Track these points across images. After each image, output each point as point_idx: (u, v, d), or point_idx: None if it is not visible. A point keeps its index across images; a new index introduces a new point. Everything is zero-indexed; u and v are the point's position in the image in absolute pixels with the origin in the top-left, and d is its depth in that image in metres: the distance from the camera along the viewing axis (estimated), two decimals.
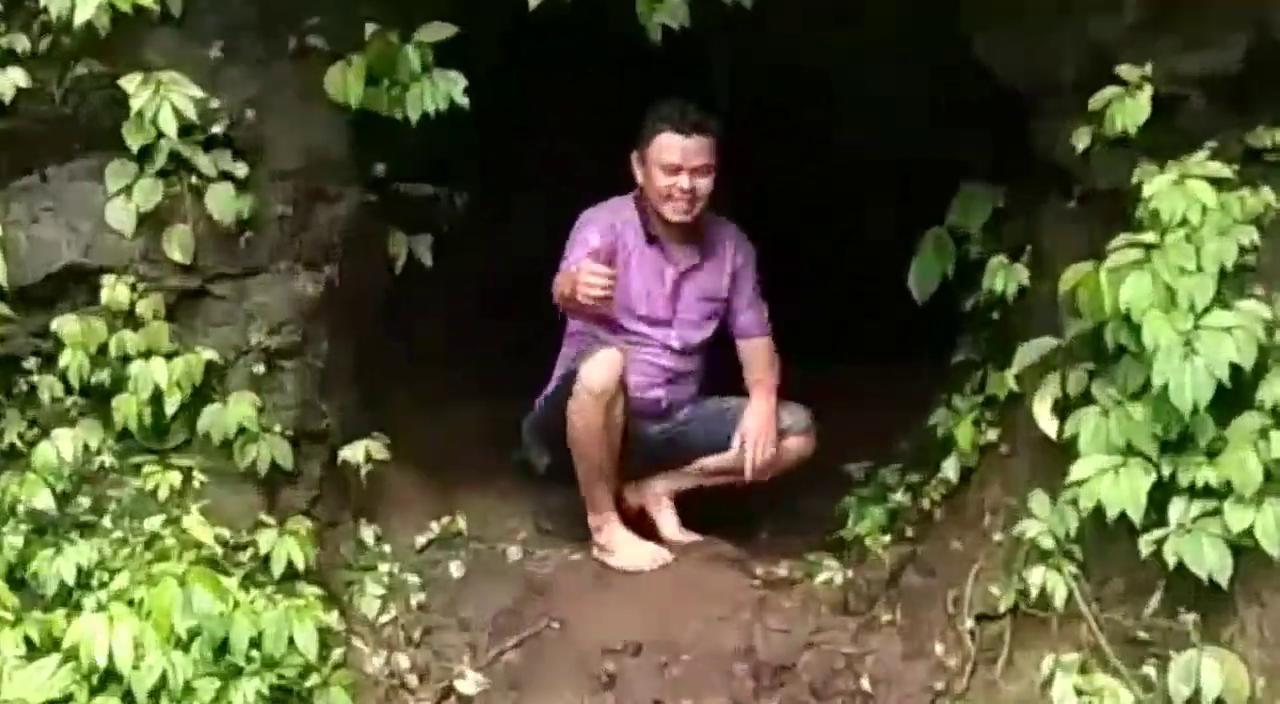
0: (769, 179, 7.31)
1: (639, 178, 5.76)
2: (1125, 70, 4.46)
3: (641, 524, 5.96)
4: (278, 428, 5.24)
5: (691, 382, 5.98)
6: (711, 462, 5.92)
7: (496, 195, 6.15)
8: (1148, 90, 4.43)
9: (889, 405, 6.22)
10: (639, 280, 5.77)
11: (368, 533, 5.64)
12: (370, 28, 5.17)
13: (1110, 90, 4.49)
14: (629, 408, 5.59)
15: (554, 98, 5.97)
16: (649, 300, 5.80)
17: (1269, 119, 4.43)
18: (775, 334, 6.05)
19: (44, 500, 4.97)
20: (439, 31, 5.24)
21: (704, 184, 5.67)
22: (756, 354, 6.02)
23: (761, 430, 5.77)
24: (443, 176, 5.90)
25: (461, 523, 5.86)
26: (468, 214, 6.04)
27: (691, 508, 6.01)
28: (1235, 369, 4.25)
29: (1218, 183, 4.38)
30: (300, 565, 5.08)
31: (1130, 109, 4.44)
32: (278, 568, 5.06)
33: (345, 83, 5.17)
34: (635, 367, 5.74)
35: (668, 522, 5.96)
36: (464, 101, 5.21)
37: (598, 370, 5.49)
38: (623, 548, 5.75)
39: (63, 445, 5.04)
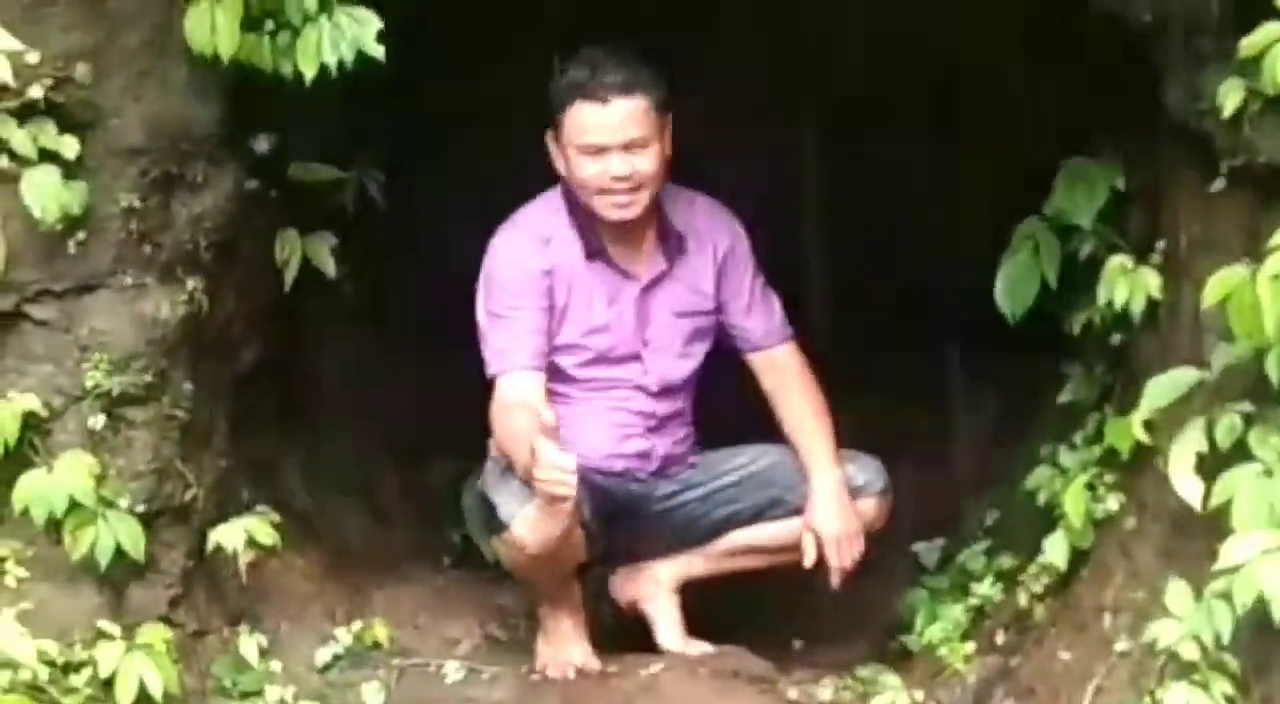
0: None
1: (562, 169, 5.70)
2: None
3: (633, 627, 5.98)
4: (124, 503, 5.23)
5: (683, 425, 6.00)
6: (753, 537, 5.90)
7: (426, 180, 6.10)
8: None
9: (964, 454, 6.26)
10: (590, 309, 5.74)
11: (250, 645, 5.64)
12: None
13: (1271, 27, 4.42)
14: (598, 502, 5.55)
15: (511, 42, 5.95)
16: (611, 332, 5.78)
17: None
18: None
19: None
20: None
21: (645, 164, 5.57)
22: (783, 373, 5.97)
23: (843, 519, 5.69)
24: (351, 154, 5.89)
25: (381, 631, 5.87)
26: (386, 205, 6.03)
27: (698, 600, 6.02)
28: None
29: None
30: (157, 691, 5.08)
31: None
32: (125, 695, 5.06)
33: (213, 27, 5.12)
34: (604, 416, 5.81)
35: (669, 625, 5.95)
36: (377, 51, 5.17)
37: (534, 532, 5.43)
38: (543, 651, 5.83)
39: None
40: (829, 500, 5.67)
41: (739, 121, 7.18)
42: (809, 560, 5.65)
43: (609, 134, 5.54)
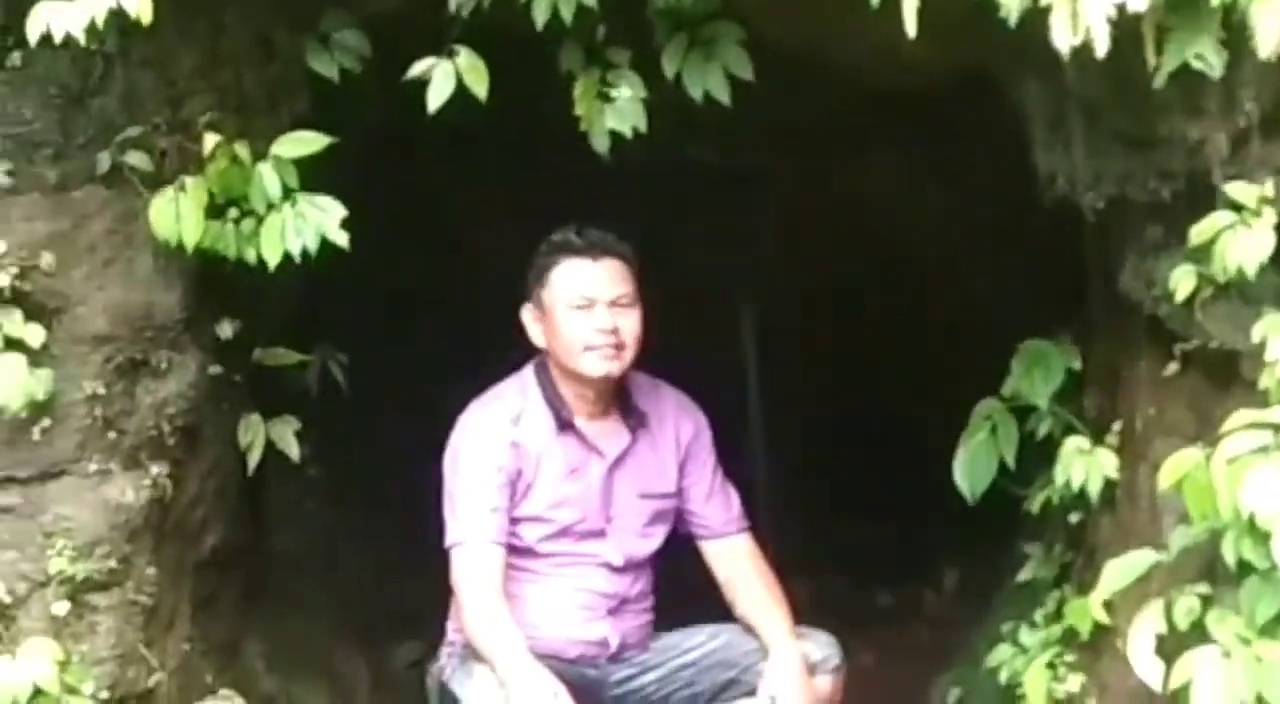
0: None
1: (540, 339, 5.74)
2: (1237, 190, 4.49)
3: None
4: (88, 689, 5.21)
5: (643, 609, 5.96)
6: None
7: (394, 361, 6.17)
8: (1269, 217, 4.46)
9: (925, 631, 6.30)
10: (557, 484, 5.74)
11: None
12: (211, 140, 5.21)
13: (1218, 217, 4.50)
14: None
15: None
16: (575, 508, 5.77)
17: None
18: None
19: None
20: (304, 143, 5.29)
21: (628, 322, 5.62)
22: (737, 561, 5.96)
23: (800, 694, 5.61)
24: (314, 337, 5.92)
25: None
26: (351, 389, 6.07)
27: None
28: None
29: None
30: None
31: (1246, 241, 4.45)
32: None
33: (177, 215, 5.19)
34: (567, 596, 5.78)
35: None
36: (341, 238, 5.24)
37: None
38: None
39: None
40: (788, 675, 5.62)
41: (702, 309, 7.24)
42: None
43: (598, 288, 5.60)
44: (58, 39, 4.71)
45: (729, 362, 7.30)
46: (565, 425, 5.75)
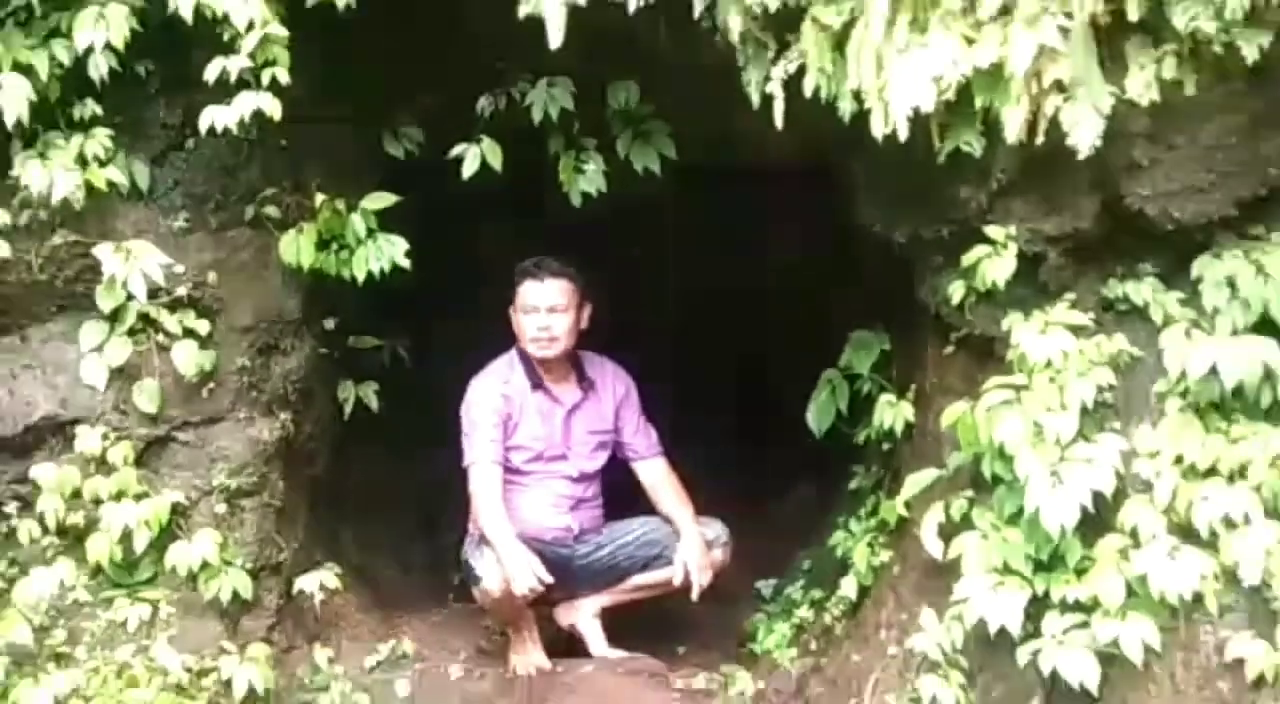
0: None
1: (516, 328, 5.81)
2: (993, 231, 4.51)
3: (572, 641, 5.98)
4: (238, 562, 5.21)
5: (595, 505, 6.02)
6: (645, 580, 5.92)
7: (437, 344, 6.15)
8: (1013, 248, 4.48)
9: (791, 526, 6.29)
10: (533, 424, 5.82)
11: (321, 656, 5.59)
12: (320, 198, 5.21)
13: (980, 249, 4.53)
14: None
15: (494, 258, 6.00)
16: (545, 440, 5.85)
17: (1120, 273, 4.49)
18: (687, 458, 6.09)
19: (22, 634, 4.91)
20: (381, 200, 5.28)
21: (559, 322, 5.70)
22: (656, 476, 6.02)
23: (701, 559, 5.72)
24: (386, 326, 5.91)
25: (407, 645, 5.82)
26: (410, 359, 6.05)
27: (616, 625, 6.00)
28: (1097, 496, 4.29)
29: (1077, 330, 4.45)
30: (260, 688, 5.05)
31: (998, 265, 4.49)
32: (239, 692, 5.03)
33: (297, 248, 5.18)
34: (544, 495, 5.85)
35: (596, 639, 5.95)
36: (405, 263, 5.24)
37: (499, 586, 5.55)
38: (514, 659, 5.84)
39: (40, 583, 4.99)
40: (694, 547, 5.71)
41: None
42: (678, 580, 5.68)
43: (540, 300, 5.69)
44: (219, 130, 4.71)
45: (664, 348, 7.25)
46: (537, 385, 5.84)
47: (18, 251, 4.96)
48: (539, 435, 5.84)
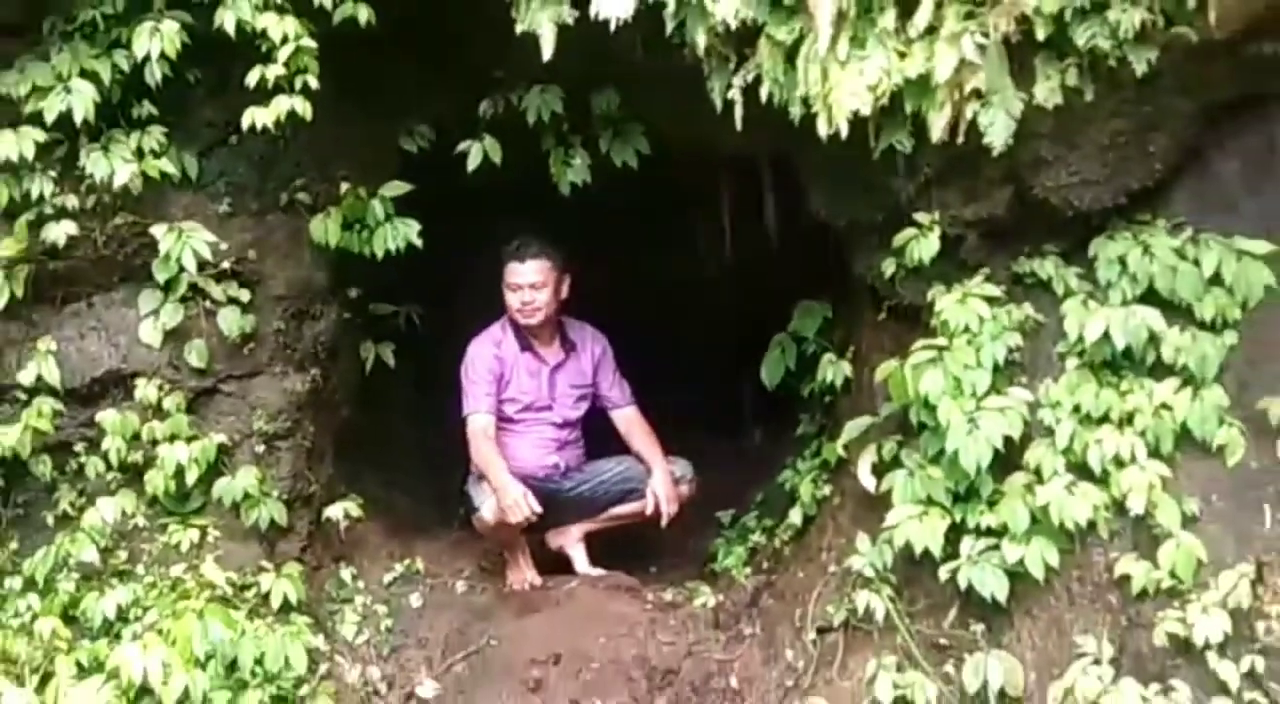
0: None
1: (506, 299, 5.79)
2: (920, 216, 4.54)
3: (560, 561, 5.98)
4: (275, 493, 5.23)
5: (577, 446, 6.02)
6: (621, 510, 5.92)
7: (441, 311, 6.14)
8: (937, 231, 4.51)
9: (748, 465, 6.29)
10: (522, 380, 5.82)
11: (346, 573, 5.62)
12: (344, 186, 5.20)
13: (909, 231, 4.55)
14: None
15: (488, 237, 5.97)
16: (533, 393, 5.85)
17: (1027, 252, 4.52)
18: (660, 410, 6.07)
19: (90, 554, 4.96)
20: (397, 188, 5.27)
21: (539, 296, 5.69)
22: (630, 422, 6.00)
23: (669, 492, 5.73)
24: (402, 296, 5.90)
25: (419, 564, 5.83)
26: (422, 325, 6.04)
27: (597, 548, 6.01)
28: (1007, 439, 4.33)
29: (990, 300, 4.47)
30: (293, 600, 5.08)
31: (924, 245, 4.51)
32: (275, 602, 5.06)
33: (325, 229, 5.18)
34: (533, 439, 5.86)
35: (580, 559, 5.97)
36: (418, 242, 5.23)
37: (493, 516, 5.59)
38: (510, 576, 5.88)
39: (105, 511, 5.02)
40: (662, 480, 5.73)
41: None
42: (650, 510, 5.71)
43: (522, 278, 5.68)
44: (258, 127, 4.70)
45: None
46: (525, 347, 5.83)
47: (85, 230, 4.95)
48: (527, 390, 5.84)
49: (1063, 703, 4.28)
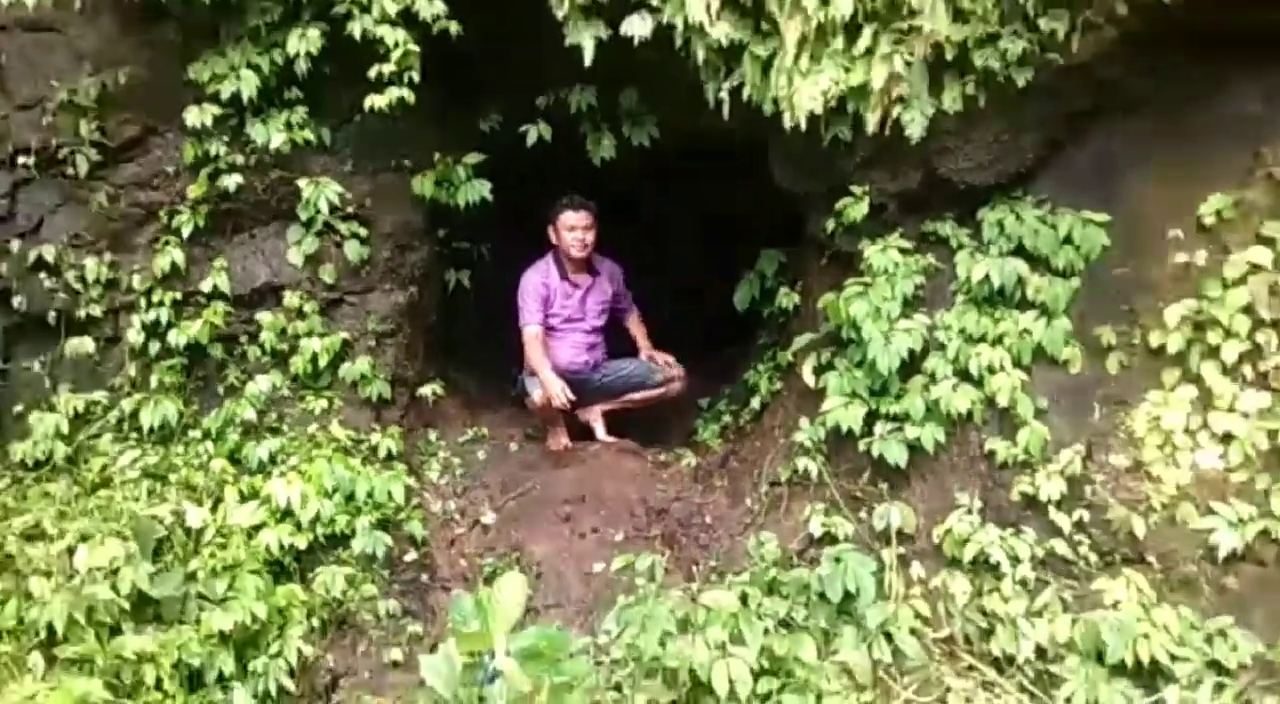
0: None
1: (553, 238, 5.73)
2: (855, 188, 4.52)
3: (586, 431, 5.99)
4: (383, 376, 5.21)
5: (601, 348, 5.96)
6: (634, 396, 5.93)
7: (503, 248, 6.11)
8: (867, 200, 4.50)
9: (723, 368, 6.30)
10: (561, 300, 5.77)
11: (432, 435, 5.65)
12: (437, 156, 5.16)
13: (847, 199, 4.54)
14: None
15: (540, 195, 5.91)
16: (570, 310, 5.79)
17: (931, 216, 4.51)
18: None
19: (250, 414, 4.97)
20: (475, 158, 5.21)
21: (588, 236, 5.66)
22: (636, 324, 6.08)
23: (664, 357, 5.90)
24: (475, 234, 5.85)
25: (485, 430, 5.86)
26: (490, 257, 6.00)
27: (615, 422, 6.02)
28: (911, 351, 4.36)
29: (904, 251, 4.47)
30: (394, 452, 5.10)
31: (857, 209, 4.50)
32: (382, 453, 5.08)
33: (422, 185, 5.13)
34: (569, 342, 5.80)
35: (600, 430, 5.97)
36: (489, 198, 5.19)
37: (540, 401, 5.60)
38: (550, 440, 5.86)
39: (262, 384, 5.03)
40: (655, 356, 5.92)
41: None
42: (647, 358, 5.91)
43: (578, 221, 5.64)
44: (375, 109, 4.66)
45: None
46: (564, 277, 5.78)
47: (248, 181, 4.92)
48: (566, 307, 5.81)
49: (943, 540, 4.34)
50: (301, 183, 4.93)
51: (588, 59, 4.41)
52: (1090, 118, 4.30)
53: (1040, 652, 4.07)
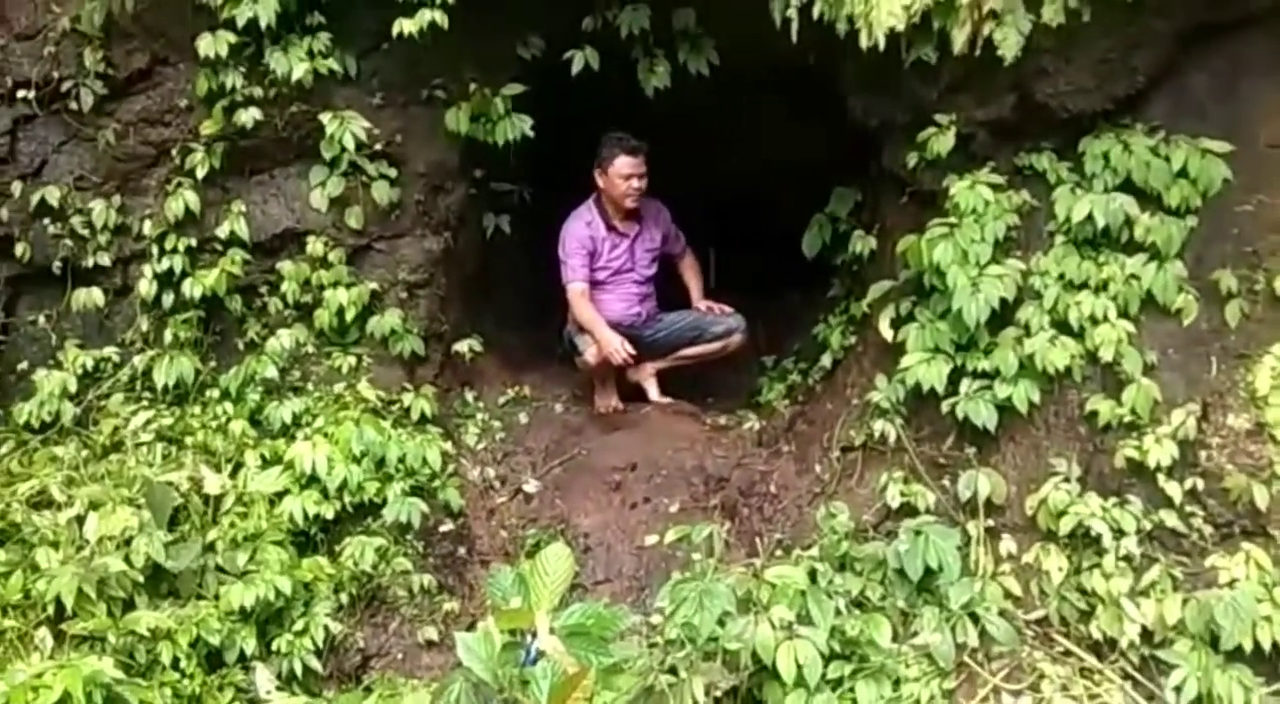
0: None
1: (601, 184, 5.66)
2: (940, 117, 4.43)
3: (637, 391, 5.97)
4: (415, 330, 5.20)
5: (653, 299, 5.94)
6: (687, 352, 5.90)
7: (546, 191, 6.04)
8: (953, 130, 4.40)
9: (788, 319, 6.22)
10: (608, 251, 5.72)
11: (469, 395, 5.66)
12: (473, 87, 5.08)
13: (930, 129, 4.45)
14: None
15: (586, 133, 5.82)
16: (619, 260, 5.75)
17: (1027, 147, 4.40)
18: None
19: (271, 372, 4.99)
20: (514, 89, 5.14)
21: (643, 183, 5.60)
22: (688, 266, 6.09)
23: (720, 307, 5.91)
24: (516, 176, 5.79)
25: (527, 390, 5.87)
26: (531, 200, 5.94)
27: (668, 381, 5.99)
28: (1002, 300, 4.26)
29: (995, 187, 4.37)
30: (428, 414, 5.11)
31: (942, 141, 4.41)
32: (414, 415, 5.08)
33: (458, 120, 5.07)
34: (619, 295, 5.78)
35: (652, 390, 5.96)
36: (530, 134, 5.13)
37: (594, 358, 5.60)
38: (598, 401, 5.87)
39: (283, 339, 5.04)
40: (705, 304, 5.96)
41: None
42: (702, 308, 5.96)
43: (633, 169, 5.56)
44: (405, 35, 4.62)
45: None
46: (610, 226, 5.73)
47: (267, 116, 4.90)
48: (614, 258, 5.75)
49: (1037, 511, 4.26)
50: (325, 118, 4.89)
51: None
52: (1211, 33, 4.16)
53: (1146, 635, 4.01)
